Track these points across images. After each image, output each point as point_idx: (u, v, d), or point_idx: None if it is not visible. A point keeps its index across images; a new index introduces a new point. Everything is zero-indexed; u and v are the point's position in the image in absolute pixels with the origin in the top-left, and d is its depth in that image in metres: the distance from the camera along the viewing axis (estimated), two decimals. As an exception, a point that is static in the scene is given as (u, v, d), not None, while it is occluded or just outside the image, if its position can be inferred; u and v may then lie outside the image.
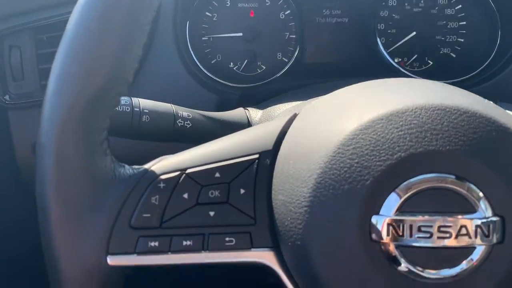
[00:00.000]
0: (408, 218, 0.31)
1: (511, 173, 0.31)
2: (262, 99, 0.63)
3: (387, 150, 0.31)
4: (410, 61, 0.76)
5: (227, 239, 0.35)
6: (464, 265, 0.31)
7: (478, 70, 0.73)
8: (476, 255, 0.31)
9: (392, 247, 0.32)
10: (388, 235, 0.31)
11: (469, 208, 0.31)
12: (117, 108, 0.46)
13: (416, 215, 0.31)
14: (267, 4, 0.74)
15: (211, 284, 0.79)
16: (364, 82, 0.39)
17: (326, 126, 0.34)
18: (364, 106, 0.34)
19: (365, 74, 0.75)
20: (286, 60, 0.75)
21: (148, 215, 0.35)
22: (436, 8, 0.74)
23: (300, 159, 0.34)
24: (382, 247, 0.32)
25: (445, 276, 0.31)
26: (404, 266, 0.31)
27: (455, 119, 0.31)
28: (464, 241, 0.31)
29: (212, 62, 0.74)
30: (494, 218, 0.31)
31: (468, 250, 0.31)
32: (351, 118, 0.33)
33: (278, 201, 0.35)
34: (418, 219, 0.31)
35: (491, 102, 0.36)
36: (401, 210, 0.31)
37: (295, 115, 0.39)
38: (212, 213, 0.35)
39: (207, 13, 0.73)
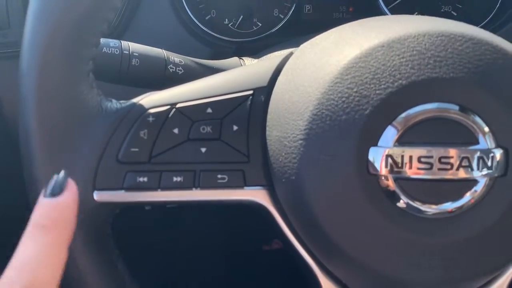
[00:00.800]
0: (408, 149, 0.30)
1: None
2: (257, 53, 0.61)
3: (387, 78, 0.30)
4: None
5: (219, 176, 0.34)
6: (465, 198, 0.30)
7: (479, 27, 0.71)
8: (478, 188, 0.30)
9: (390, 181, 0.30)
10: (386, 167, 0.30)
11: (472, 139, 0.30)
12: (105, 50, 0.44)
13: (416, 146, 0.30)
14: (264, -42, 0.71)
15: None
16: (364, 19, 0.37)
17: (323, 58, 0.33)
18: (363, 36, 0.32)
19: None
20: (282, 17, 0.72)
21: (137, 149, 0.33)
22: (438, -36, 0.72)
23: (296, 93, 0.33)
24: (380, 180, 0.30)
25: (445, 210, 0.30)
26: (403, 201, 0.30)
27: (460, 45, 0.30)
28: (465, 173, 0.30)
29: (207, 18, 0.71)
30: (497, 150, 0.30)
31: (469, 183, 0.30)
32: (350, 47, 0.32)
33: (273, 137, 0.34)
34: (418, 150, 0.30)
35: None
36: (400, 141, 0.30)
37: (291, 53, 0.37)
38: (203, 150, 0.34)
39: (201, -34, 0.70)
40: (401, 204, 0.30)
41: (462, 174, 0.30)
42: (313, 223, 0.32)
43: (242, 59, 0.55)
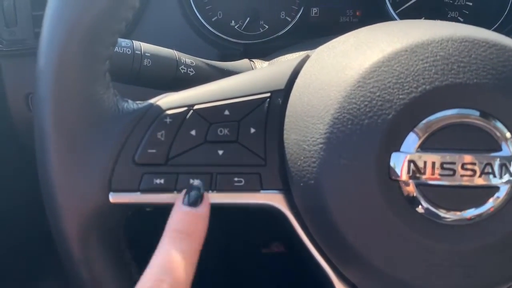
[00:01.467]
0: (430, 155, 0.29)
1: None
2: (266, 55, 0.60)
3: (411, 83, 0.29)
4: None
5: (235, 179, 0.34)
6: (487, 205, 0.30)
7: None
8: (500, 195, 0.30)
9: (412, 187, 0.30)
10: (408, 173, 0.30)
11: (494, 146, 0.30)
12: (117, 49, 0.44)
13: (439, 152, 0.30)
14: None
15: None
16: (383, 22, 0.37)
17: (344, 61, 0.33)
18: (386, 39, 0.32)
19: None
20: (290, 20, 0.72)
21: (154, 151, 0.33)
22: (445, -30, 0.72)
23: (315, 96, 0.32)
24: (402, 186, 0.30)
25: (465, 217, 0.30)
26: (424, 207, 0.30)
27: (484, 51, 0.30)
28: (487, 180, 0.29)
29: (213, 19, 0.71)
30: None
31: (491, 190, 0.30)
32: (372, 50, 0.31)
33: (291, 141, 0.33)
34: (441, 156, 0.29)
35: None
36: (423, 147, 0.30)
37: (307, 56, 0.37)
38: (220, 152, 0.33)
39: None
40: (421, 209, 0.30)
41: (484, 181, 0.29)
42: (331, 228, 0.32)
43: (253, 61, 0.55)
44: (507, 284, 0.32)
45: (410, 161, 0.30)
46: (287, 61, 0.37)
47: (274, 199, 0.34)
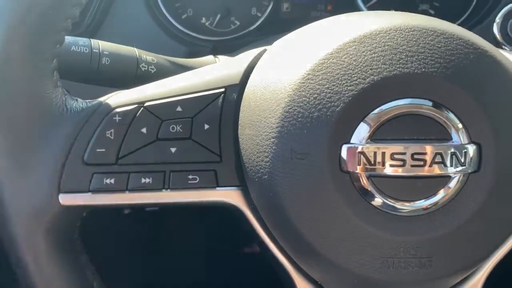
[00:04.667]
0: (380, 146, 0.29)
1: (490, 99, 0.29)
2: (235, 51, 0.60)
3: (359, 74, 0.29)
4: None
5: (190, 177, 0.33)
6: (439, 195, 0.30)
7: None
8: (452, 184, 0.29)
9: (363, 178, 0.30)
10: (359, 164, 0.29)
11: (445, 135, 0.29)
12: (73, 48, 0.43)
13: (389, 142, 0.29)
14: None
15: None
16: (337, 15, 0.37)
17: (295, 55, 0.32)
18: (336, 32, 0.32)
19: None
20: (260, 15, 0.72)
21: (103, 150, 0.32)
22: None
23: (268, 90, 0.32)
24: (353, 178, 0.30)
25: (419, 207, 0.30)
26: (376, 198, 0.30)
27: (432, 40, 0.29)
28: (439, 170, 0.29)
29: (183, 17, 0.70)
30: (471, 146, 0.29)
31: (443, 180, 0.30)
32: (322, 43, 0.31)
33: (245, 136, 0.33)
34: (391, 147, 0.29)
35: None
36: (372, 138, 0.29)
37: (264, 50, 0.36)
38: (173, 149, 0.33)
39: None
40: (376, 202, 0.30)
41: (435, 170, 0.29)
42: (287, 223, 0.31)
43: (218, 57, 0.55)
44: (463, 274, 0.32)
45: (360, 153, 0.29)
46: (243, 55, 0.37)
47: (230, 196, 0.34)
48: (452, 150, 0.29)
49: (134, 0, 0.63)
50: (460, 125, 0.29)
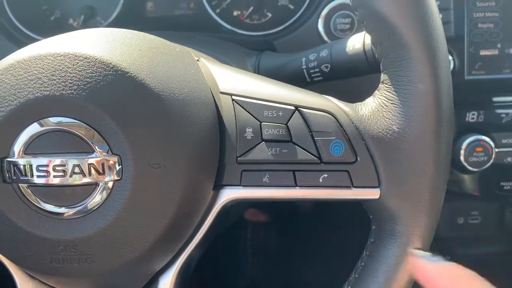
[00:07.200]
0: (29, 159, 0.33)
1: (124, 114, 0.33)
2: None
3: (10, 97, 0.33)
4: (248, 13, 0.76)
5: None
6: (90, 200, 0.34)
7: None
8: (100, 191, 0.34)
9: (24, 187, 0.34)
10: (15, 176, 0.34)
11: (87, 149, 0.33)
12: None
13: (38, 156, 0.33)
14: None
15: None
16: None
17: None
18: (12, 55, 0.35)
19: (204, 28, 0.76)
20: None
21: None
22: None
23: None
24: (16, 188, 0.34)
25: (73, 211, 0.34)
26: (38, 205, 0.34)
27: (73, 64, 0.33)
28: (79, 179, 0.33)
29: (52, 18, 0.75)
30: (112, 157, 0.33)
31: (90, 187, 0.34)
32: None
33: None
34: (36, 160, 0.33)
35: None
36: (26, 152, 0.33)
37: None
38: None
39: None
40: (37, 208, 0.34)
41: (76, 180, 0.33)
42: None
43: None
44: (121, 270, 0.36)
45: (14, 165, 0.33)
46: None
47: None
48: (91, 161, 0.33)
49: None
50: (101, 139, 0.33)
